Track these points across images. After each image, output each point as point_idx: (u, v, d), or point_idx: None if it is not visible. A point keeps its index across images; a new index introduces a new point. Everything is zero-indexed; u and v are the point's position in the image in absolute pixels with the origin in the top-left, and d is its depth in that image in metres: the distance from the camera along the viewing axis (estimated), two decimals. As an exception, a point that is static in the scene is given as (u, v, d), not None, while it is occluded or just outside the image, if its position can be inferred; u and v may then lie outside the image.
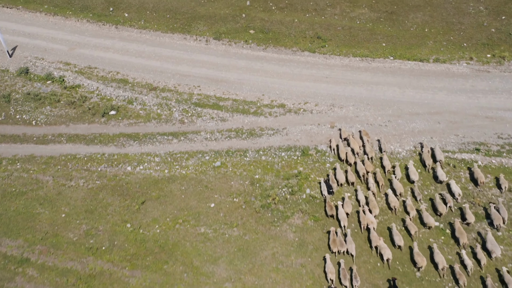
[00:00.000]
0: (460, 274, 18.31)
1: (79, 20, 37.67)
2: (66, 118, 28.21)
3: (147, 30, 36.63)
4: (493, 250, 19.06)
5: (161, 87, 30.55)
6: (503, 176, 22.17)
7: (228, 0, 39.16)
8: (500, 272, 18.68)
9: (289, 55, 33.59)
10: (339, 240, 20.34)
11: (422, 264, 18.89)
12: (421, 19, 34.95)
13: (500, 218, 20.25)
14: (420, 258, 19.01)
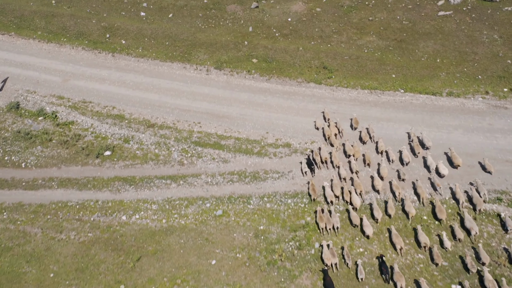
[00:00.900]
0: (437, 256, 19.76)
1: (74, 48, 35.96)
2: (58, 159, 26.39)
3: (145, 59, 34.94)
4: (471, 228, 20.73)
5: (159, 123, 28.77)
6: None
7: (230, 26, 37.48)
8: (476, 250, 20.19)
9: (294, 87, 31.88)
10: (326, 217, 22.07)
11: (400, 245, 20.50)
12: (432, 48, 33.22)
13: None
14: (398, 240, 20.67)
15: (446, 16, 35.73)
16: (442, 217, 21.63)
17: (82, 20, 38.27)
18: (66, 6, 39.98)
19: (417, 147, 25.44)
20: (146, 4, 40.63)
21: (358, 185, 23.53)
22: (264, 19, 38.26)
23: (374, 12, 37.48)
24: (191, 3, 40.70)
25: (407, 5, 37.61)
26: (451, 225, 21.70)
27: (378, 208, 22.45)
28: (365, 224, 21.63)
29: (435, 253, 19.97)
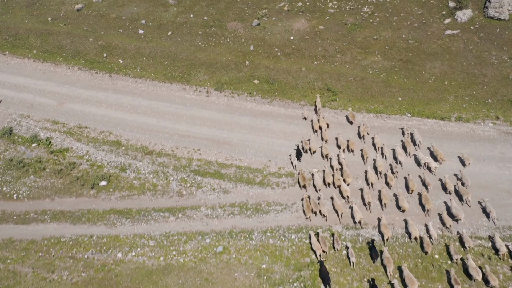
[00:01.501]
0: (428, 244, 20.93)
1: (70, 68, 34.87)
2: (51, 190, 25.22)
3: (143, 79, 33.82)
4: (457, 214, 22.09)
5: (157, 150, 27.60)
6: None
7: (230, 45, 36.41)
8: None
9: (297, 110, 30.78)
10: (313, 204, 23.43)
11: (388, 235, 21.58)
12: (439, 69, 32.11)
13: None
14: (386, 230, 21.75)
15: (453, 35, 34.65)
16: (428, 207, 22.99)
17: (79, 39, 37.18)
18: (63, 24, 38.92)
19: (408, 144, 26.70)
20: (144, 21, 39.57)
21: (348, 175, 24.82)
22: (266, 37, 37.20)
23: (378, 31, 36.42)
24: (191, 20, 39.66)
25: (413, 23, 36.53)
26: (439, 213, 22.96)
27: (369, 193, 23.94)
28: (355, 210, 22.96)
29: (425, 242, 21.19)
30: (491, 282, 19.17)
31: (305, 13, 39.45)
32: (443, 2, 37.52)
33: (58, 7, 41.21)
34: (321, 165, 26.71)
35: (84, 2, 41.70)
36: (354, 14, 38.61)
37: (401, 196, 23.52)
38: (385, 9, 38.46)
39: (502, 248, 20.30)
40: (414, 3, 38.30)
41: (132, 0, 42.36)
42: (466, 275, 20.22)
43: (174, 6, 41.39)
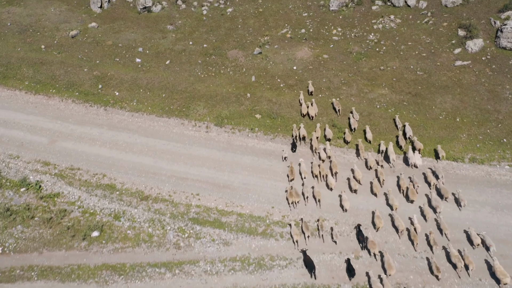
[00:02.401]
0: (414, 236, 22.42)
1: (63, 100, 33.27)
2: (40, 242, 23.51)
3: (139, 113, 32.22)
4: (437, 206, 23.95)
5: (153, 195, 25.90)
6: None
7: (231, 75, 34.84)
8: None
9: (301, 148, 29.13)
10: (295, 192, 25.06)
11: (379, 226, 23.15)
12: (450, 104, 30.50)
13: None
14: (378, 220, 23.22)
15: (464, 67, 33.07)
16: (414, 198, 24.68)
17: (73, 68, 35.60)
18: (56, 52, 37.37)
19: (401, 141, 28.05)
20: (141, 49, 38.05)
21: (334, 165, 26.54)
22: (268, 67, 35.65)
23: (385, 60, 34.85)
24: (190, 48, 38.12)
25: (421, 52, 34.98)
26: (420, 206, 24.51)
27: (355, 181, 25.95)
28: (344, 199, 24.54)
29: (412, 234, 22.56)
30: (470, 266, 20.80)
31: (309, 40, 37.93)
32: (452, 30, 35.98)
33: (52, 33, 39.67)
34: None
35: (79, 28, 40.18)
36: (359, 42, 37.07)
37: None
38: (391, 37, 36.93)
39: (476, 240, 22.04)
40: (422, 31, 36.76)
41: (129, 26, 40.82)
42: (450, 263, 21.61)
43: (173, 33, 39.88)
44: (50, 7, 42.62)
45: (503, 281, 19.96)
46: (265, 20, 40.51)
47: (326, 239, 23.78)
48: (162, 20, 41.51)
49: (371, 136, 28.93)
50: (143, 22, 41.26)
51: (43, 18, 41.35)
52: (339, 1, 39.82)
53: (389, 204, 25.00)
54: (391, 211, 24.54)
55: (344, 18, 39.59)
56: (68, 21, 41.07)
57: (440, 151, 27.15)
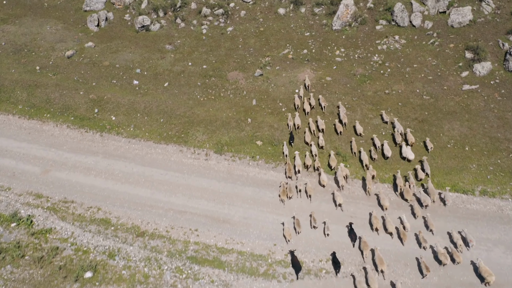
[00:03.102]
0: (403, 234, 23.42)
1: (58, 125, 32.12)
2: (29, 284, 22.34)
3: (137, 140, 31.04)
4: (425, 201, 25.11)
5: (150, 231, 24.70)
6: None
7: (231, 98, 33.72)
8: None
9: (304, 178, 27.85)
10: (288, 189, 26.11)
11: (376, 226, 24.13)
12: (458, 131, 29.33)
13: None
14: (376, 221, 24.17)
15: (472, 91, 31.94)
16: (408, 197, 25.63)
17: (69, 91, 34.49)
18: (52, 73, 36.26)
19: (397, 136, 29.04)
20: (139, 70, 36.94)
21: (333, 159, 28.08)
22: (269, 89, 34.54)
23: (390, 84, 33.72)
24: (189, 69, 37.01)
25: (427, 75, 33.86)
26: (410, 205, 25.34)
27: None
28: (336, 195, 25.68)
29: (401, 232, 23.68)
30: (456, 259, 21.99)
31: (311, 61, 36.85)
32: (459, 52, 34.88)
33: (47, 53, 38.59)
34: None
35: (75, 47, 39.10)
36: (363, 63, 35.97)
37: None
38: (396, 58, 35.83)
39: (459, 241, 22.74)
40: (427, 53, 35.67)
41: (127, 46, 39.74)
42: (436, 261, 22.45)
43: (171, 53, 38.78)
44: (45, 26, 41.56)
45: (487, 280, 20.84)
46: (266, 40, 39.44)
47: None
48: (160, 40, 40.43)
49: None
50: (141, 41, 40.16)
51: (38, 37, 40.28)
52: (342, 20, 38.72)
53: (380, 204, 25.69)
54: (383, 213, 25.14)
55: (347, 38, 38.52)
56: (64, 40, 39.99)
57: (428, 143, 28.34)
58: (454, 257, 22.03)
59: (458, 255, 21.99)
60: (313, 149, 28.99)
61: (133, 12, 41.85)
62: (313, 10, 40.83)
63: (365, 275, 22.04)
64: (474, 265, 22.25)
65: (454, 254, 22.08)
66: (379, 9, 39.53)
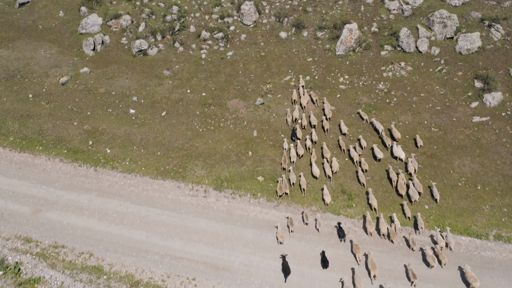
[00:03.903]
0: (393, 234, 24.18)
1: (50, 159, 30.67)
2: None
3: (132, 175, 29.56)
4: (412, 196, 26.11)
5: (145, 280, 23.25)
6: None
7: (231, 129, 32.34)
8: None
9: (308, 219, 26.28)
10: (284, 185, 27.38)
11: (371, 231, 24.83)
12: (469, 167, 27.89)
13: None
14: (369, 226, 24.87)
15: (482, 124, 30.55)
16: (402, 192, 26.94)
17: (62, 122, 33.07)
18: (45, 102, 34.86)
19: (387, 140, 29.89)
20: (136, 98, 35.55)
21: (326, 152, 29.54)
22: (271, 119, 33.15)
23: (397, 114, 32.34)
24: (188, 97, 35.65)
25: (435, 105, 32.47)
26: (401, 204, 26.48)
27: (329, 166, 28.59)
28: (325, 193, 26.89)
29: (391, 232, 24.46)
30: (442, 261, 23.01)
31: (314, 89, 35.50)
32: (468, 81, 33.53)
33: (41, 79, 37.23)
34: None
35: (70, 73, 37.75)
36: (368, 91, 34.59)
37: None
38: (402, 86, 34.45)
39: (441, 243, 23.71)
40: (435, 81, 34.32)
41: (123, 71, 38.37)
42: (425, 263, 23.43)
43: (169, 79, 37.41)
44: (40, 50, 40.21)
45: (473, 285, 21.48)
46: (268, 66, 38.09)
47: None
48: (158, 65, 39.09)
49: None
50: (139, 66, 38.82)
51: (32, 62, 38.94)
52: (346, 45, 37.40)
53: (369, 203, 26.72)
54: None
55: (351, 64, 37.17)
56: (59, 65, 38.65)
57: (419, 140, 29.68)
58: (440, 258, 23.12)
59: (444, 256, 23.03)
60: (308, 143, 30.46)
61: (130, 35, 40.52)
62: (316, 34, 39.51)
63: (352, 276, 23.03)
64: (461, 270, 23.00)
65: (440, 255, 23.06)
66: (384, 34, 38.21)
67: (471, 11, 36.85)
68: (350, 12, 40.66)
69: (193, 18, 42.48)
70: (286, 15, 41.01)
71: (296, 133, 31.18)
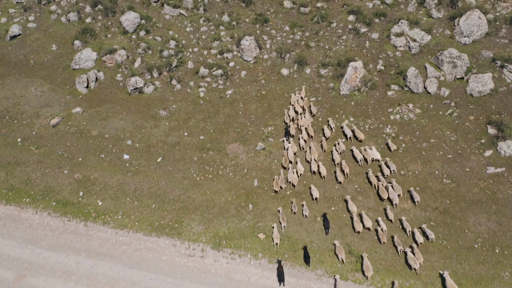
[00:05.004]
0: (382, 235, 25.54)
1: (38, 213, 28.69)
2: None
3: (125, 231, 27.59)
4: (393, 199, 27.45)
5: None
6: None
7: (231, 177, 30.41)
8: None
9: (312, 283, 24.58)
10: (280, 180, 29.15)
11: (359, 229, 26.30)
12: (486, 226, 25.90)
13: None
14: (358, 225, 26.22)
15: (497, 176, 28.61)
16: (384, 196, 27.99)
17: (52, 170, 31.10)
18: (34, 147, 32.93)
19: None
20: (131, 142, 33.64)
21: (313, 152, 31.04)
22: (272, 167, 31.26)
23: (406, 162, 30.40)
24: (185, 140, 33.77)
25: (446, 153, 30.55)
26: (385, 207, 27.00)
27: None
28: (313, 189, 28.58)
29: (380, 234, 25.51)
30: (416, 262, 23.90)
31: (318, 133, 33.52)
32: (480, 126, 31.66)
33: (31, 121, 35.32)
34: None
35: (62, 113, 35.88)
36: (375, 136, 32.74)
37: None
38: (411, 131, 32.56)
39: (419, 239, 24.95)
40: (445, 125, 32.45)
41: (118, 111, 36.51)
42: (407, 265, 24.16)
43: (166, 120, 35.53)
44: (30, 87, 38.39)
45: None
46: (269, 105, 36.26)
47: None
48: (154, 104, 37.25)
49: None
50: (134, 105, 36.98)
51: (22, 101, 37.10)
52: (351, 84, 35.59)
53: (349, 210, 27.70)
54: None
55: (356, 105, 35.34)
56: (50, 104, 36.80)
57: (391, 145, 31.28)
58: (416, 257, 24.24)
59: (420, 255, 24.22)
60: (301, 142, 32.42)
61: (126, 71, 38.71)
62: (319, 72, 37.72)
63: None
64: (442, 276, 23.63)
65: (417, 254, 24.18)
66: (390, 72, 36.42)
67: (482, 50, 35.07)
68: (354, 48, 38.92)
69: (191, 53, 40.72)
70: (287, 51, 39.26)
71: (289, 131, 32.59)
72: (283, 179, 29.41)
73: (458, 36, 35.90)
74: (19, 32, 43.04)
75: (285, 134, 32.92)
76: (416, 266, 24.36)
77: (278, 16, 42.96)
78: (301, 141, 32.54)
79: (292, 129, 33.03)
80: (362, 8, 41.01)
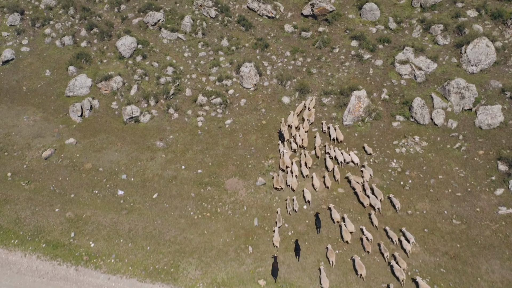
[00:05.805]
0: (367, 244, 26.32)
1: (26, 256, 27.24)
2: None
3: (118, 277, 26.09)
4: (375, 204, 28.42)
5: None
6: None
7: (229, 216, 29.30)
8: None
9: None
10: (280, 180, 30.45)
11: (347, 239, 26.86)
12: (499, 274, 24.45)
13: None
14: (347, 234, 26.92)
15: (510, 217, 27.45)
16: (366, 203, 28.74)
17: (42, 208, 29.71)
18: (25, 182, 31.49)
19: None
20: (125, 176, 32.18)
21: (308, 159, 31.63)
22: (273, 204, 29.86)
23: (413, 200, 28.95)
24: (182, 174, 32.32)
25: (455, 190, 29.10)
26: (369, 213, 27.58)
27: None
28: (306, 191, 29.53)
29: (365, 242, 26.39)
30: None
31: (320, 167, 32.10)
32: (490, 162, 30.25)
33: (22, 153, 33.91)
34: None
35: (54, 145, 34.51)
36: (380, 171, 31.30)
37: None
38: (418, 165, 31.13)
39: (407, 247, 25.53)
40: (453, 160, 31.03)
41: (113, 142, 35.10)
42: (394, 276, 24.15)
43: (162, 152, 34.09)
44: (23, 115, 37.05)
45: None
46: (269, 136, 34.86)
47: None
48: (150, 134, 35.83)
49: None
50: (129, 136, 35.56)
51: (13, 131, 35.69)
52: (354, 115, 34.25)
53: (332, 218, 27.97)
54: None
55: (360, 136, 33.95)
56: (42, 135, 35.38)
57: (368, 148, 32.21)
58: (400, 264, 25.15)
59: (403, 261, 25.04)
60: (293, 145, 33.10)
61: (121, 99, 37.35)
62: (321, 100, 36.38)
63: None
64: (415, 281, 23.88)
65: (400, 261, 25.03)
66: (395, 102, 35.06)
67: (490, 80, 33.74)
68: (357, 75, 37.59)
69: (189, 79, 39.37)
70: (289, 78, 37.94)
71: (283, 134, 33.33)
72: (283, 180, 30.59)
73: (465, 64, 34.58)
74: (12, 56, 41.72)
75: (279, 137, 33.67)
76: (403, 277, 24.96)
77: (279, 40, 41.68)
78: (293, 145, 33.41)
79: (286, 133, 33.40)
80: (366, 34, 39.75)
